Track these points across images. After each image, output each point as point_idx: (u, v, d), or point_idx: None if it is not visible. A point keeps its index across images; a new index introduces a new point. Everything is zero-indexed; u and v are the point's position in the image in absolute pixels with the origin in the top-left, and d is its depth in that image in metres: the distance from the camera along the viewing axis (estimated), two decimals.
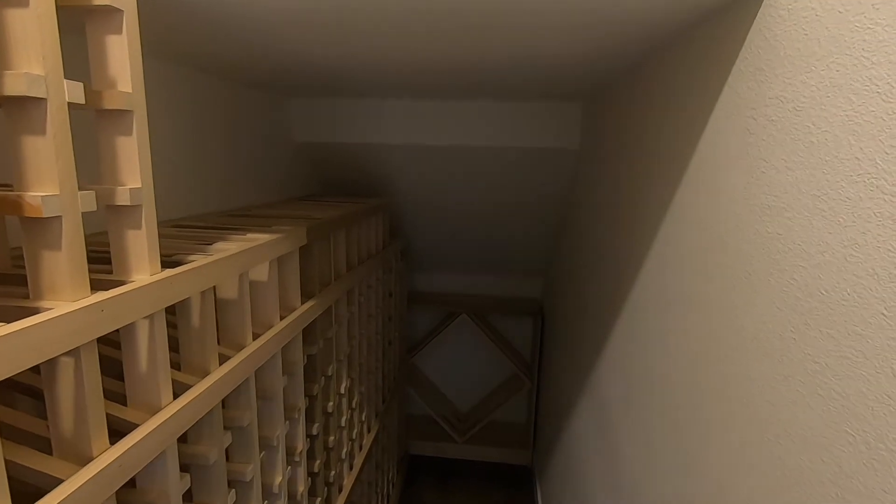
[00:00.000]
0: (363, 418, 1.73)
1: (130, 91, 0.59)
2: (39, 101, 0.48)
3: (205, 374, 0.78)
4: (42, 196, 0.48)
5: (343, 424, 1.49)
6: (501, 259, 2.66)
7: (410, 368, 2.85)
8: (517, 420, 2.97)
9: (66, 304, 0.51)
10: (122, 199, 0.59)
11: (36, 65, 0.48)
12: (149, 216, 0.62)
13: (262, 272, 0.97)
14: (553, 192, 2.10)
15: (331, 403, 1.37)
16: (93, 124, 0.59)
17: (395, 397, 2.32)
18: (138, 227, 0.62)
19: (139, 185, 0.61)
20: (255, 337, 0.94)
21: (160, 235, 0.96)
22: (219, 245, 0.87)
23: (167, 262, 0.73)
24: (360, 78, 1.41)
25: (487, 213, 2.29)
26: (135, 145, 0.60)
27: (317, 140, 1.88)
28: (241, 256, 0.83)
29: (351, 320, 1.52)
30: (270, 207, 1.44)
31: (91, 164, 0.61)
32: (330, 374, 1.34)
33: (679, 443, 0.84)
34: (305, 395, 1.18)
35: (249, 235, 0.97)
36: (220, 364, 0.82)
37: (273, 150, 1.74)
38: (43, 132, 0.49)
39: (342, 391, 1.46)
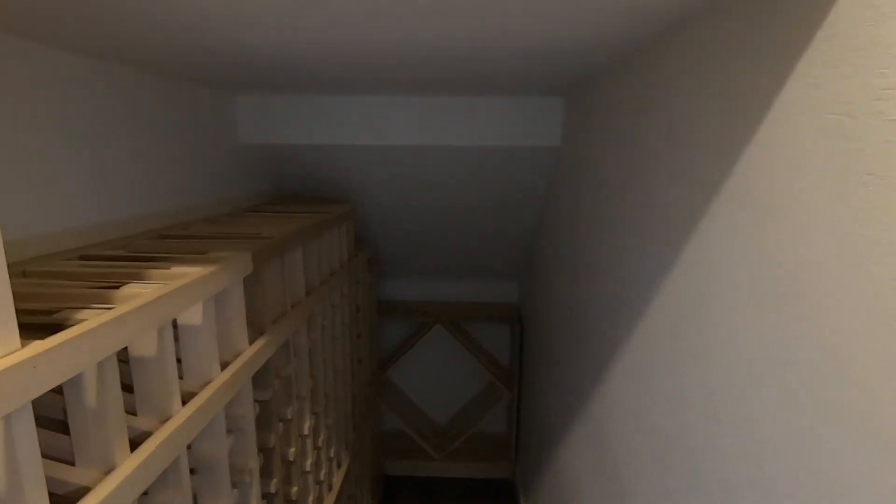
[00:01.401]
0: (332, 455, 1.55)
1: None
2: None
3: (109, 467, 0.58)
4: None
5: (308, 469, 1.30)
6: (476, 263, 2.50)
7: (383, 384, 2.66)
8: (497, 432, 2.82)
9: None
10: None
11: None
12: None
13: (193, 316, 0.77)
14: (531, 192, 1.94)
15: (292, 450, 1.18)
16: None
17: (367, 420, 2.13)
18: None
19: None
20: (188, 398, 0.74)
21: (50, 275, 0.75)
22: (129, 288, 0.67)
23: (45, 326, 0.53)
24: (312, 71, 1.21)
25: (460, 215, 2.12)
26: None
27: (268, 141, 1.66)
28: (157, 305, 0.64)
29: (313, 349, 1.32)
30: (211, 224, 1.22)
31: None
32: (289, 416, 1.15)
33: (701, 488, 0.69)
34: (260, 451, 0.99)
35: (176, 269, 0.77)
36: (135, 448, 0.62)
37: (215, 154, 1.51)
38: None
39: (305, 432, 1.27)
